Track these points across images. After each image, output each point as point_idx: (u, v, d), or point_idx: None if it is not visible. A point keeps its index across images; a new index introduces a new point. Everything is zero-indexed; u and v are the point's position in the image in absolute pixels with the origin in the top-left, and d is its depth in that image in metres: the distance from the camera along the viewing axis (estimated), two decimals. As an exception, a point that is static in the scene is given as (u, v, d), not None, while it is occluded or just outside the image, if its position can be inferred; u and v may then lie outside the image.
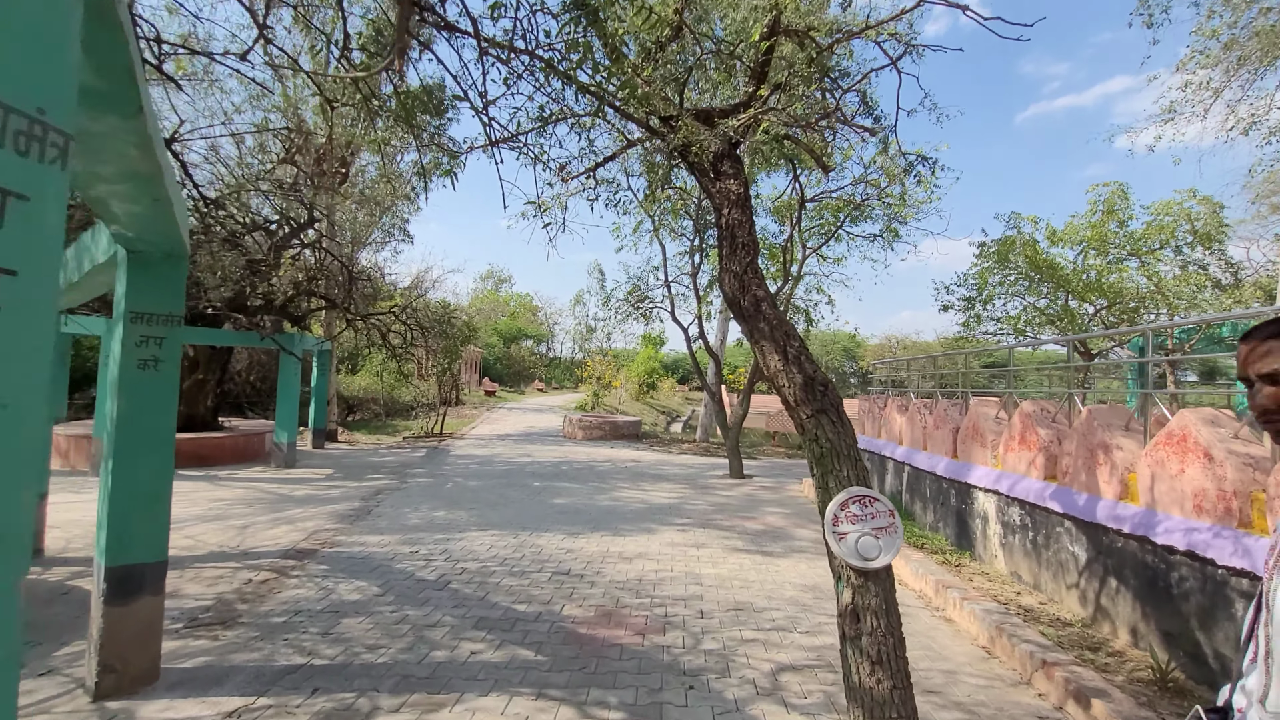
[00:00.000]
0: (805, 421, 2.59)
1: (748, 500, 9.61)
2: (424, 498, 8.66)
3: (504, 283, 64.60)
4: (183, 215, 3.13)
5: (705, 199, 12.53)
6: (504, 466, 12.04)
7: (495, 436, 17.55)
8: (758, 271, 2.94)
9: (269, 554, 5.79)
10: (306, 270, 12.17)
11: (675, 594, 5.09)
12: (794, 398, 2.62)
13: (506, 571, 5.49)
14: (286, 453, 10.94)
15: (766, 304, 2.81)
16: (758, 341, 2.76)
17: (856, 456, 2.54)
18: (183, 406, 11.51)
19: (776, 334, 2.70)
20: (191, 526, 6.69)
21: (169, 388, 3.33)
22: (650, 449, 16.33)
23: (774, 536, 7.33)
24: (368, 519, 7.28)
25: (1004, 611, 4.48)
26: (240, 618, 4.28)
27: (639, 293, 13.28)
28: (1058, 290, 11.34)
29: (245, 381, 17.97)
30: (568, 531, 7.05)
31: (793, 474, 12.85)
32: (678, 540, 6.91)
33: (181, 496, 8.09)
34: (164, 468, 3.31)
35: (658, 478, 11.56)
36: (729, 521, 8.01)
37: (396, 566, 5.52)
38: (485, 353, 43.86)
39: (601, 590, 5.11)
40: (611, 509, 8.49)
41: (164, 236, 2.96)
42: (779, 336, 2.69)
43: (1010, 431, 5.64)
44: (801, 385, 2.59)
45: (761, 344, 2.74)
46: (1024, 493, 5.23)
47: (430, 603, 4.66)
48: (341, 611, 4.43)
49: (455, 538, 6.56)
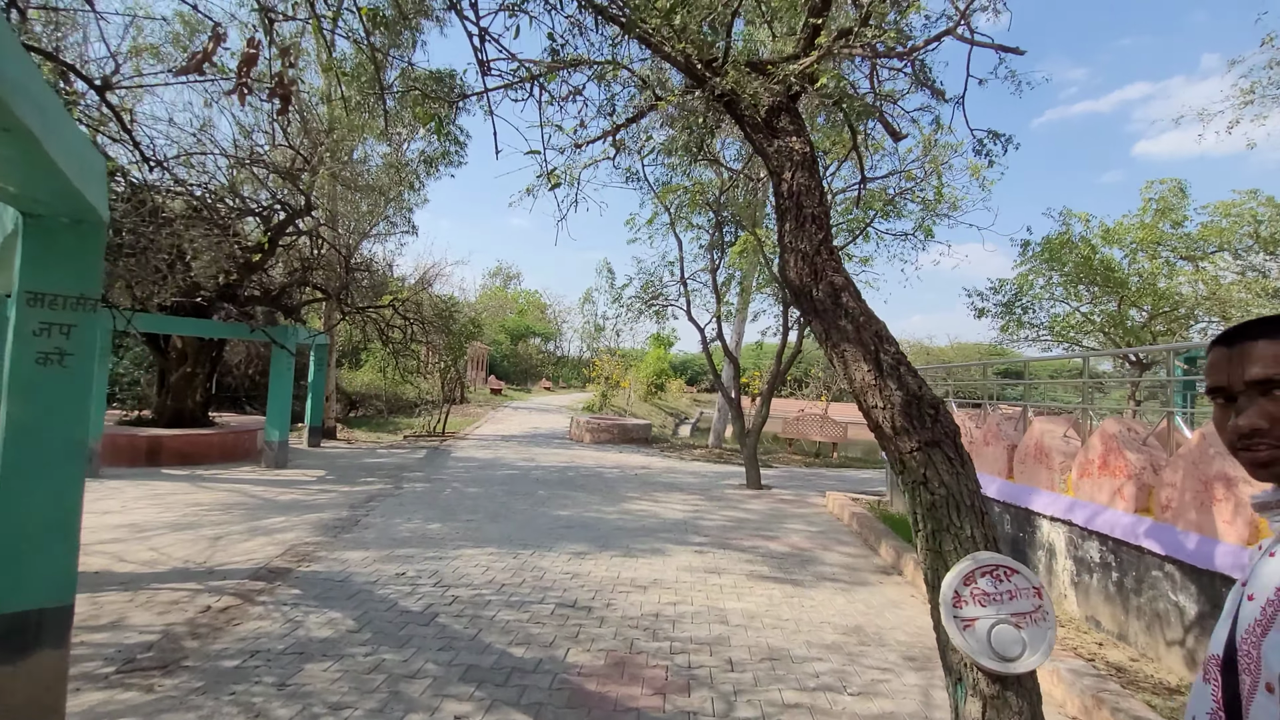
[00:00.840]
0: (907, 457, 1.87)
1: (768, 515, 8.88)
2: (418, 506, 7.99)
3: (512, 279, 64.10)
4: (90, 169, 2.45)
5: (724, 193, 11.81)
6: (506, 471, 11.36)
7: (499, 437, 16.89)
8: (833, 252, 2.23)
9: (237, 573, 5.13)
10: (302, 259, 11.55)
11: (698, 636, 4.37)
12: (890, 424, 1.90)
13: (503, 602, 4.79)
14: (277, 452, 10.32)
15: (848, 295, 2.10)
16: (836, 346, 2.05)
17: (982, 509, 1.82)
18: (171, 401, 10.92)
19: (865, 335, 1.99)
20: (159, 536, 6.05)
21: (78, 388, 2.64)
22: (661, 454, 15.61)
23: (801, 561, 6.60)
24: (354, 531, 6.61)
25: (1096, 674, 3.73)
26: (186, 659, 3.61)
27: (653, 289, 12.57)
28: (1105, 294, 10.48)
29: (243, 375, 17.37)
30: (573, 551, 6.35)
31: (813, 485, 12.10)
32: (695, 564, 6.20)
33: (158, 500, 7.47)
34: (69, 490, 2.63)
35: (670, 487, 10.84)
36: (750, 541, 7.29)
37: (378, 593, 4.84)
38: (492, 350, 43.28)
39: (612, 630, 4.40)
40: (621, 524, 7.79)
41: (56, 193, 2.28)
42: (868, 339, 1.98)
43: (1088, 454, 4.89)
44: (902, 407, 1.88)
45: (842, 349, 2.03)
46: (1107, 526, 4.48)
47: (412, 643, 3.97)
48: (306, 653, 3.75)
49: (448, 556, 5.88)
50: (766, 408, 11.07)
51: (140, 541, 5.83)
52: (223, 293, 10.39)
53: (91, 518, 6.52)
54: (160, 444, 9.80)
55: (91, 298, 2.67)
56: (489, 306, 46.03)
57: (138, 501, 7.33)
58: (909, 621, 4.98)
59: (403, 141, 16.42)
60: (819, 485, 12.00)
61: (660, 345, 32.31)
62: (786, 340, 10.98)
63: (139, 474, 8.97)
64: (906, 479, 1.90)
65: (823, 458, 17.09)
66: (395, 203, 16.27)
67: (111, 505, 7.09)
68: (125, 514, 6.76)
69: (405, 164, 16.43)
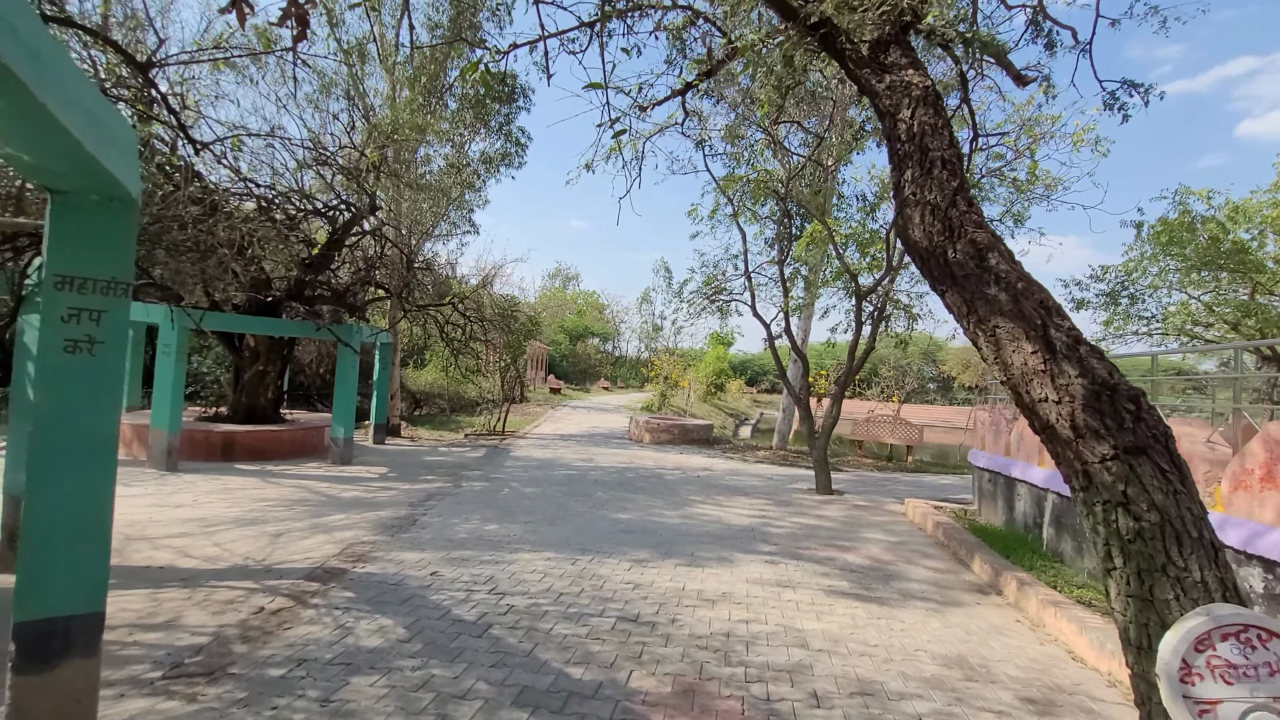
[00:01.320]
0: (1097, 468, 1.38)
1: (843, 523, 8.24)
2: (476, 506, 7.82)
3: (571, 280, 64.76)
4: (112, 138, 2.24)
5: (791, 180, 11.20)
6: (565, 472, 11.13)
7: (558, 437, 16.77)
8: (972, 203, 1.74)
9: (294, 572, 5.02)
10: (365, 258, 11.71)
11: (775, 661, 3.90)
12: (1069, 423, 1.41)
13: (561, 613, 4.46)
14: (342, 448, 10.45)
15: (997, 255, 1.61)
16: (984, 321, 1.57)
17: (1215, 542, 1.30)
18: (245, 398, 11.26)
19: (1026, 305, 1.50)
20: (224, 531, 6.07)
21: (109, 379, 2.46)
22: (723, 456, 15.07)
23: (883, 575, 5.99)
24: (411, 530, 6.47)
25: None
26: (233, 665, 3.44)
27: (716, 283, 12.07)
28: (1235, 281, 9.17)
29: (315, 374, 17.96)
30: (634, 558, 5.98)
31: (887, 490, 11.30)
32: (766, 576, 5.70)
33: (227, 494, 7.60)
34: (98, 487, 2.44)
35: (733, 490, 10.32)
36: (824, 552, 6.72)
37: (431, 598, 4.60)
38: (551, 350, 43.73)
39: (679, 649, 3.99)
40: (684, 529, 7.36)
41: (73, 163, 2.07)
42: (1032, 310, 1.49)
43: (1244, 463, 4.11)
44: (1087, 399, 1.39)
45: (992, 325, 1.54)
46: (1274, 550, 3.72)
47: (463, 657, 3.68)
48: (354, 665, 3.52)
49: (504, 560, 5.62)
50: (838, 408, 10.39)
51: (206, 536, 5.85)
52: (291, 292, 10.63)
53: (166, 510, 6.67)
54: (234, 439, 10.08)
55: (123, 281, 2.48)
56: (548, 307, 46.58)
57: (209, 496, 7.47)
58: (1019, 653, 4.33)
59: (464, 142, 16.57)
60: (894, 491, 11.19)
61: (720, 344, 31.68)
62: (860, 335, 10.26)
63: (213, 468, 9.22)
64: (1093, 498, 1.40)
65: (895, 461, 16.11)
66: (456, 203, 16.43)
67: (184, 499, 7.24)
68: (196, 508, 6.87)
69: (466, 164, 16.56)
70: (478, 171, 16.50)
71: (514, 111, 16.85)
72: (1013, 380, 1.54)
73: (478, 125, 16.22)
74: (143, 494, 7.32)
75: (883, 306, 10.41)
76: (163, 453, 8.83)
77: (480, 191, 18.07)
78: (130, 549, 5.38)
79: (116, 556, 5.16)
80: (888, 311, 10.71)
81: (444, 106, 15.35)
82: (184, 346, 9.21)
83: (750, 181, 10.81)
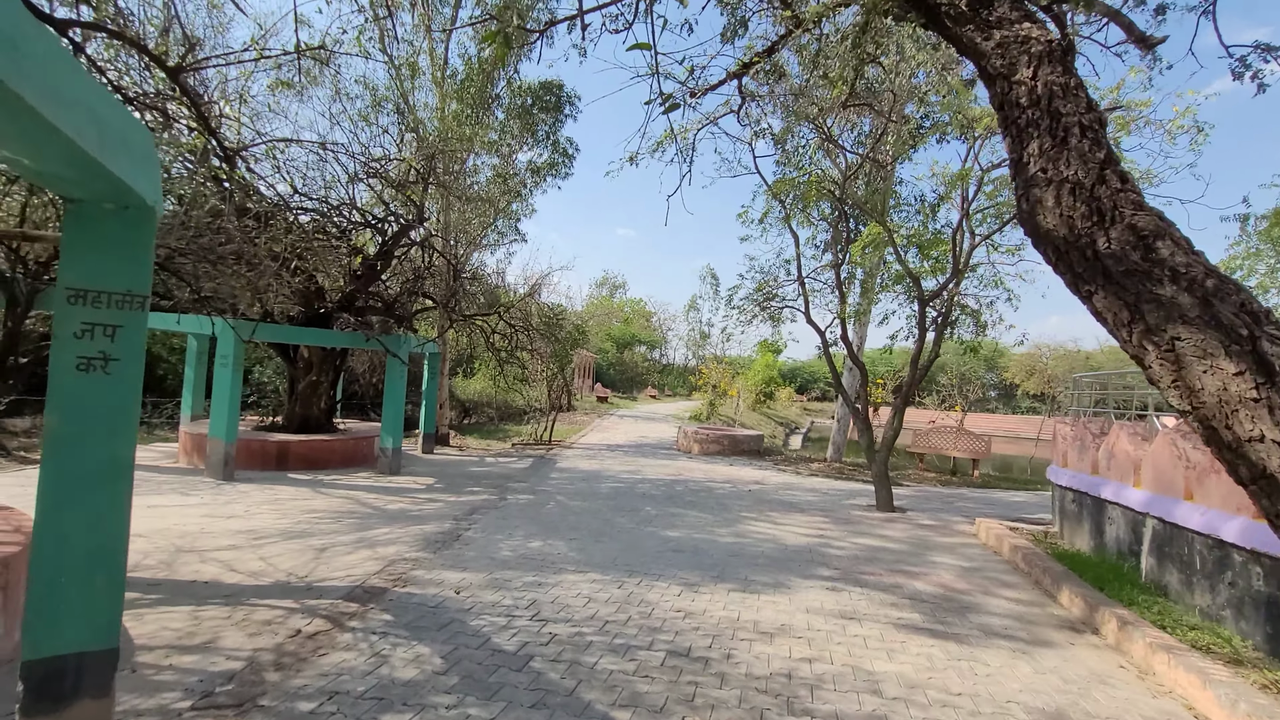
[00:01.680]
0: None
1: (909, 545, 7.66)
2: (521, 520, 7.62)
3: (618, 289, 64.89)
4: (118, 141, 2.07)
5: (847, 180, 10.66)
6: (611, 484, 10.86)
7: (605, 447, 16.56)
8: (1126, 179, 1.35)
9: (334, 590, 4.89)
10: (414, 269, 11.79)
11: (845, 711, 3.48)
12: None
13: (606, 645, 4.15)
14: (391, 458, 10.49)
15: (1170, 245, 1.22)
16: (1154, 332, 1.18)
17: None
18: (299, 408, 11.47)
19: (1222, 310, 1.11)
20: (271, 545, 6.04)
21: (125, 398, 2.30)
22: (774, 468, 14.51)
23: (959, 607, 5.44)
24: (454, 546, 6.30)
25: None
26: (263, 697, 3.27)
27: (767, 290, 11.61)
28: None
29: (368, 384, 18.34)
30: (684, 581, 5.63)
31: (954, 508, 10.55)
32: (828, 605, 5.25)
33: (277, 505, 7.64)
34: (112, 515, 2.28)
35: (788, 506, 9.82)
36: (890, 578, 6.19)
37: (471, 624, 4.37)
38: (598, 358, 43.75)
39: (736, 693, 3.61)
40: (736, 548, 6.96)
41: (76, 168, 1.91)
42: (1229, 316, 1.10)
43: None
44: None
45: (1172, 336, 1.15)
46: None
47: (501, 694, 3.41)
48: (386, 699, 3.30)
49: (548, 582, 5.36)
50: (900, 419, 9.76)
51: (253, 550, 5.82)
52: (342, 303, 10.77)
53: (218, 521, 6.71)
54: (288, 449, 10.24)
55: (140, 294, 2.33)
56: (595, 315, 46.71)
57: (260, 506, 7.52)
58: (1129, 708, 3.77)
59: (511, 152, 16.65)
60: (962, 509, 10.44)
61: (769, 352, 30.94)
62: (924, 341, 9.63)
63: (267, 477, 9.36)
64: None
65: (961, 475, 15.17)
66: (504, 212, 16.50)
67: (237, 509, 7.30)
68: (247, 519, 6.90)
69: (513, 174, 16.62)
70: (524, 181, 16.54)
71: (559, 121, 16.87)
72: (1205, 411, 1.15)
73: (525, 135, 16.30)
74: (198, 504, 7.43)
75: (948, 312, 9.74)
76: (220, 462, 9.01)
77: (527, 200, 18.16)
78: (180, 561, 5.38)
79: (166, 570, 5.17)
80: (954, 316, 10.03)
81: (492, 117, 15.48)
82: (240, 357, 9.41)
83: (801, 184, 10.35)
